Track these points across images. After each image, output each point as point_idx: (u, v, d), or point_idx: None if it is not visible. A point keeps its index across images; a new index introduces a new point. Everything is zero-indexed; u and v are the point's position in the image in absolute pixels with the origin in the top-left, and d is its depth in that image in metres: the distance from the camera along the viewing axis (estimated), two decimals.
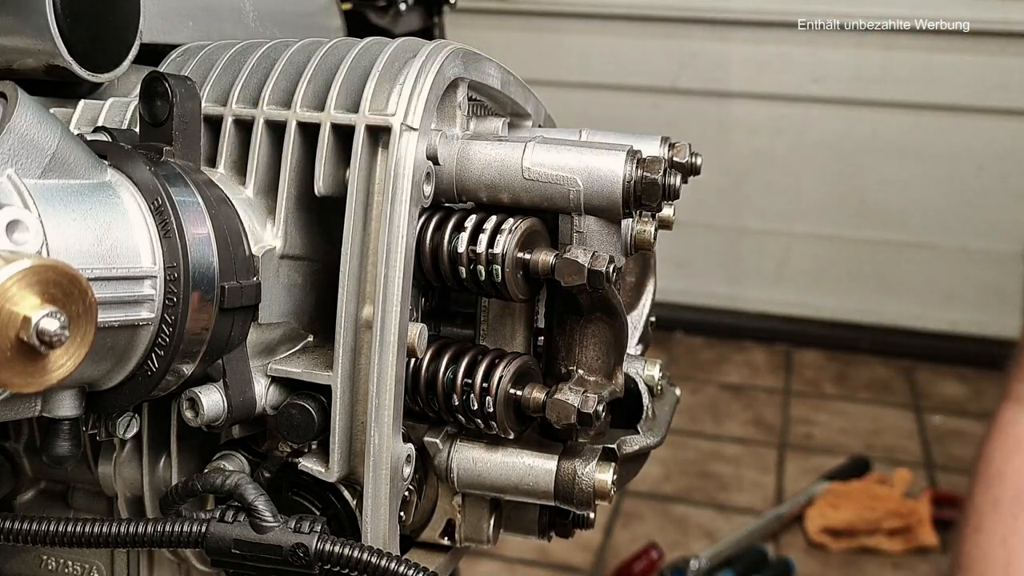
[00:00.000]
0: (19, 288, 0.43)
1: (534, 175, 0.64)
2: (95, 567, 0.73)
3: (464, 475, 0.69)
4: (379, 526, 0.62)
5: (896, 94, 3.11)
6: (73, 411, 0.56)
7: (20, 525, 0.58)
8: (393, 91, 0.61)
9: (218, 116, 0.64)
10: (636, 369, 0.76)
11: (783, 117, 3.25)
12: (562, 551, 2.45)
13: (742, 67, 3.24)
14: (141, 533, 0.59)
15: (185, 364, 0.58)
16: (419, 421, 0.69)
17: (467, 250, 0.62)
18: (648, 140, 0.74)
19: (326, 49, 0.65)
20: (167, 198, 0.56)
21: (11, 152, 0.51)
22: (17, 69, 0.63)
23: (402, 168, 0.60)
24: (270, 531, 0.59)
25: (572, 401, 0.64)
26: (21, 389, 0.44)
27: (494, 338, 0.70)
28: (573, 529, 0.77)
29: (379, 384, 0.60)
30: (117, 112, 0.66)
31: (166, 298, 0.55)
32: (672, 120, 3.28)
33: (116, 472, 0.68)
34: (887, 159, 3.15)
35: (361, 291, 0.61)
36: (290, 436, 0.62)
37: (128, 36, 0.66)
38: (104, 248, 0.53)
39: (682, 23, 3.24)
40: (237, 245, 0.59)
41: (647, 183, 0.64)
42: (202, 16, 0.76)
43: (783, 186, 3.28)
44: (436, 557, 0.73)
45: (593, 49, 3.33)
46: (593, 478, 0.68)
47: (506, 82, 0.72)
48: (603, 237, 0.65)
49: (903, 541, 2.50)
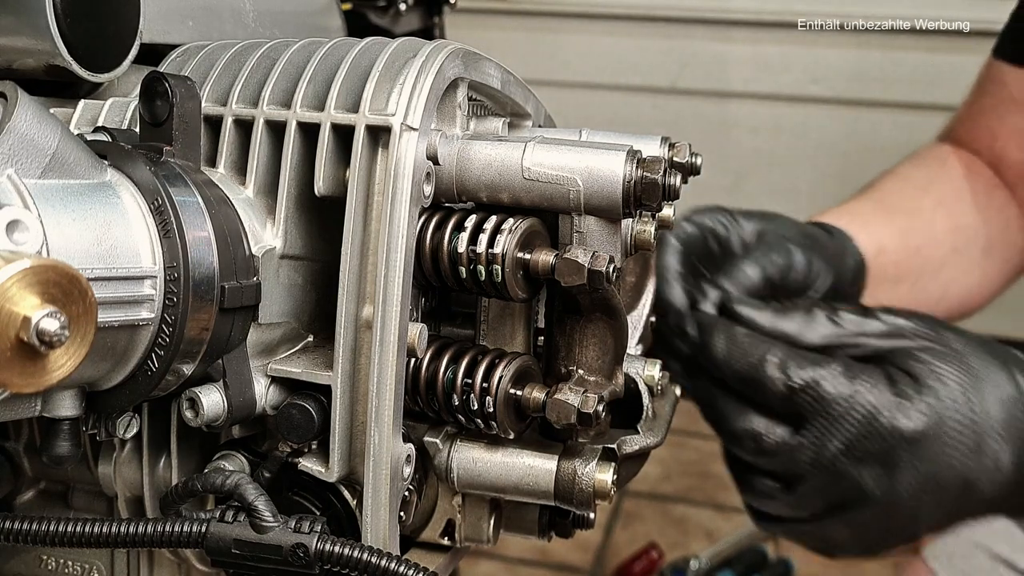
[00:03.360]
0: (19, 288, 0.43)
1: (534, 175, 0.64)
2: (95, 567, 0.73)
3: (464, 475, 0.69)
4: (379, 526, 0.62)
5: (896, 94, 3.11)
6: (73, 411, 0.56)
7: (20, 525, 0.58)
8: (393, 91, 0.61)
9: (218, 116, 0.64)
10: (636, 369, 0.76)
11: (783, 117, 3.25)
12: (562, 551, 2.45)
13: (742, 67, 3.24)
14: (141, 533, 0.59)
15: (185, 364, 0.58)
16: (419, 421, 0.69)
17: (467, 250, 0.62)
18: (648, 140, 0.74)
19: (326, 49, 0.65)
20: (167, 198, 0.56)
21: (11, 152, 0.51)
22: (17, 69, 0.63)
23: (402, 168, 0.60)
24: (270, 531, 0.59)
25: (572, 401, 0.64)
26: (21, 389, 0.44)
27: (494, 338, 0.70)
28: (573, 529, 0.78)
29: (379, 384, 0.60)
30: (117, 112, 0.66)
31: (166, 298, 0.55)
32: (672, 120, 3.28)
33: (116, 472, 0.68)
34: (887, 159, 3.14)
35: (361, 291, 0.61)
36: (290, 436, 0.62)
37: (128, 36, 0.66)
38: (104, 248, 0.53)
39: (682, 23, 3.24)
40: (237, 245, 0.59)
41: (647, 183, 0.64)
42: (202, 16, 0.76)
43: (783, 186, 3.28)
44: (436, 557, 0.73)
45: (593, 49, 3.33)
46: (593, 478, 0.68)
47: (506, 82, 0.72)
48: (603, 237, 0.65)
49: None
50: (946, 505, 0.82)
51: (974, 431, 0.81)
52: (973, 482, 0.81)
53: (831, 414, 0.80)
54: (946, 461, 0.81)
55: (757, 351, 0.82)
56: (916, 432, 0.79)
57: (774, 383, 0.80)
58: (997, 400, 0.83)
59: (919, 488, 0.80)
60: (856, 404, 0.79)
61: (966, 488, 0.82)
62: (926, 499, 0.81)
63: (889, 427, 0.79)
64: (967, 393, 0.82)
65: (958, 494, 0.82)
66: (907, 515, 0.82)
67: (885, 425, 0.79)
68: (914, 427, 0.79)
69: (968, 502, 0.83)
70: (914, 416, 0.79)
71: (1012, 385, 0.84)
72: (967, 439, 0.81)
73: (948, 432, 0.80)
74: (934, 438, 0.80)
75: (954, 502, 0.82)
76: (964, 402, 0.81)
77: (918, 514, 0.82)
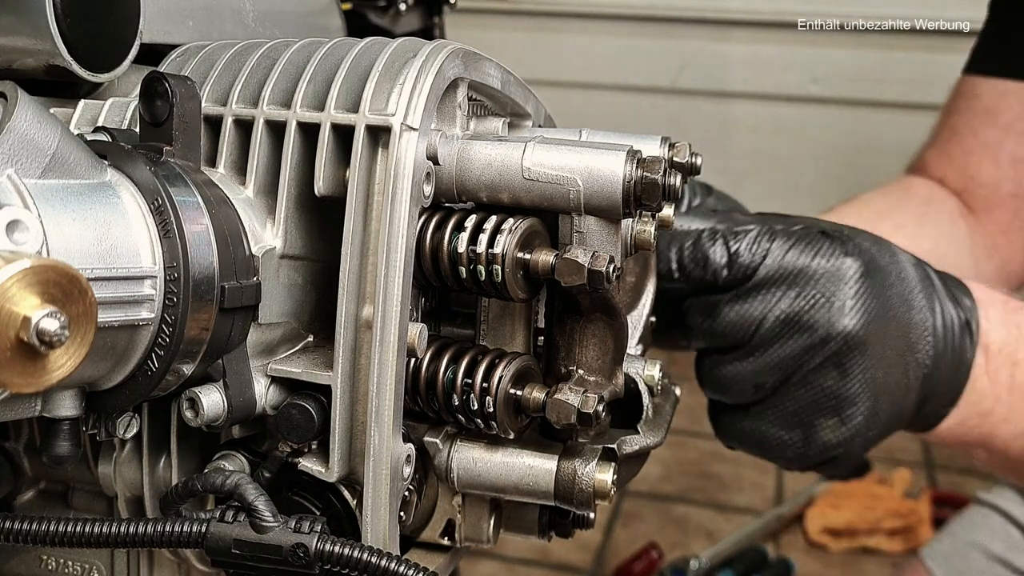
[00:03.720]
0: (19, 288, 0.43)
1: (534, 175, 0.64)
2: (95, 567, 0.73)
3: (464, 475, 0.69)
4: (379, 526, 0.62)
5: (896, 94, 3.11)
6: (73, 411, 0.56)
7: (20, 525, 0.58)
8: (393, 91, 0.61)
9: (218, 116, 0.64)
10: (636, 369, 0.76)
11: (783, 117, 3.25)
12: (562, 551, 2.45)
13: (742, 67, 3.24)
14: (141, 533, 0.59)
15: (185, 364, 0.58)
16: (419, 421, 0.69)
17: (467, 250, 0.62)
18: (648, 140, 0.74)
19: (326, 49, 0.65)
20: (167, 198, 0.56)
21: (11, 152, 0.51)
22: (17, 69, 0.63)
23: (402, 168, 0.60)
24: (270, 531, 0.59)
25: (572, 401, 0.64)
26: (21, 389, 0.44)
27: (494, 338, 0.70)
28: (573, 529, 0.77)
29: (379, 384, 0.60)
30: (117, 112, 0.66)
31: (166, 298, 0.55)
32: (672, 120, 3.28)
33: (116, 472, 0.68)
34: (887, 159, 3.15)
35: (361, 291, 0.61)
36: (290, 436, 0.62)
37: (128, 36, 0.66)
38: (104, 248, 0.53)
39: (682, 23, 3.24)
40: (237, 245, 0.59)
41: (647, 183, 0.64)
42: (202, 16, 0.76)
43: (783, 186, 3.28)
44: (436, 557, 0.73)
45: (593, 49, 3.33)
46: (593, 478, 0.68)
47: (506, 82, 0.72)
48: (603, 237, 0.65)
49: (903, 541, 2.51)
50: (892, 367, 0.83)
51: (900, 280, 0.83)
52: (907, 329, 0.83)
53: (769, 271, 0.81)
54: (885, 304, 0.82)
55: (691, 234, 0.85)
56: (857, 270, 0.81)
57: (714, 252, 0.83)
58: (909, 262, 0.86)
59: (867, 331, 0.80)
60: (796, 257, 0.81)
61: (906, 343, 0.83)
62: (873, 347, 0.81)
63: (832, 268, 0.81)
64: (886, 249, 0.84)
65: (903, 349, 0.83)
66: (860, 378, 0.82)
67: (831, 268, 0.81)
68: (854, 265, 0.81)
69: (906, 365, 0.83)
70: (851, 260, 0.81)
71: (911, 255, 0.87)
72: (896, 285, 0.83)
73: (883, 275, 0.82)
74: (873, 277, 0.81)
75: (897, 362, 0.83)
76: (888, 256, 0.84)
77: (871, 372, 0.82)
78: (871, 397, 0.83)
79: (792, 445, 0.86)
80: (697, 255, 0.84)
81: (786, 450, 0.87)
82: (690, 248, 0.84)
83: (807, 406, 0.84)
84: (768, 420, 0.85)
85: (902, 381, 0.84)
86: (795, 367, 0.82)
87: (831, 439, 0.84)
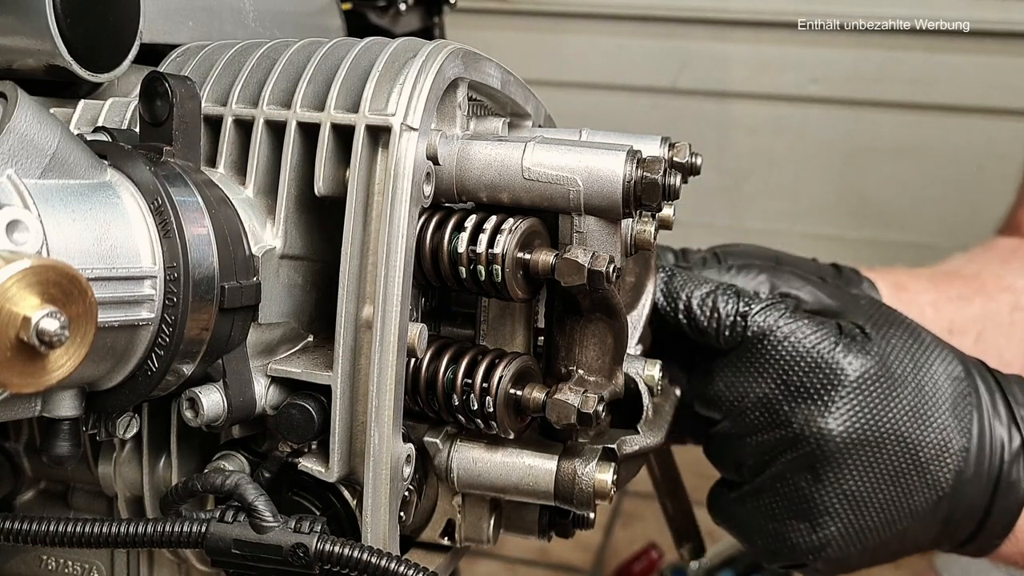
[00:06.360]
0: (19, 288, 0.43)
1: (534, 175, 0.64)
2: (95, 567, 0.73)
3: (464, 475, 0.69)
4: (379, 526, 0.62)
5: (896, 94, 3.11)
6: (73, 411, 0.56)
7: (20, 525, 0.58)
8: (393, 91, 0.61)
9: (218, 116, 0.64)
10: (636, 369, 0.76)
11: (783, 117, 3.25)
12: (562, 551, 2.45)
13: (742, 67, 3.23)
14: (141, 533, 0.59)
15: (185, 364, 0.58)
16: (419, 421, 0.69)
17: (467, 250, 0.62)
18: (648, 140, 0.74)
19: (326, 49, 0.65)
20: (167, 198, 0.56)
21: (11, 152, 0.51)
22: (17, 69, 0.63)
23: (402, 168, 0.60)
24: (270, 531, 0.59)
25: (572, 401, 0.64)
26: (21, 389, 0.44)
27: (494, 338, 0.70)
28: (573, 529, 0.77)
29: (379, 384, 0.60)
30: (117, 112, 0.66)
31: (166, 298, 0.55)
32: (672, 120, 3.28)
33: (116, 472, 0.68)
34: (887, 159, 3.15)
35: (361, 291, 0.61)
36: (290, 436, 0.62)
37: (128, 36, 0.66)
38: (104, 248, 0.53)
39: (682, 23, 3.24)
40: (237, 245, 0.59)
41: (647, 183, 0.64)
42: (202, 16, 0.76)
43: (783, 186, 3.28)
44: (436, 557, 0.73)
45: (593, 49, 3.33)
46: (593, 478, 0.68)
47: (506, 82, 0.72)
48: (603, 237, 0.65)
49: None
50: (883, 484, 0.76)
51: (918, 393, 0.76)
52: (916, 449, 0.76)
53: (768, 345, 0.78)
54: (885, 416, 0.76)
55: (711, 282, 0.82)
56: (859, 373, 0.76)
57: (726, 307, 0.80)
58: (945, 375, 0.78)
59: (851, 439, 0.75)
60: (798, 340, 0.77)
61: (912, 462, 0.76)
62: (858, 458, 0.75)
63: (829, 364, 0.76)
64: (914, 357, 0.78)
65: (906, 468, 0.76)
66: (838, 474, 0.76)
67: (828, 361, 0.76)
68: (857, 369, 0.76)
69: (908, 485, 0.77)
70: (854, 360, 0.76)
71: (960, 366, 0.80)
72: (909, 398, 0.76)
73: (893, 384, 0.76)
74: (878, 385, 0.76)
75: (891, 480, 0.76)
76: (911, 364, 0.77)
77: (846, 472, 0.76)
78: (851, 511, 0.77)
79: (764, 537, 0.82)
80: (708, 303, 0.81)
81: (757, 540, 0.83)
82: (705, 295, 0.82)
83: (780, 501, 0.80)
84: (749, 505, 0.82)
85: (902, 503, 0.77)
86: (771, 456, 0.79)
87: (799, 543, 0.79)
